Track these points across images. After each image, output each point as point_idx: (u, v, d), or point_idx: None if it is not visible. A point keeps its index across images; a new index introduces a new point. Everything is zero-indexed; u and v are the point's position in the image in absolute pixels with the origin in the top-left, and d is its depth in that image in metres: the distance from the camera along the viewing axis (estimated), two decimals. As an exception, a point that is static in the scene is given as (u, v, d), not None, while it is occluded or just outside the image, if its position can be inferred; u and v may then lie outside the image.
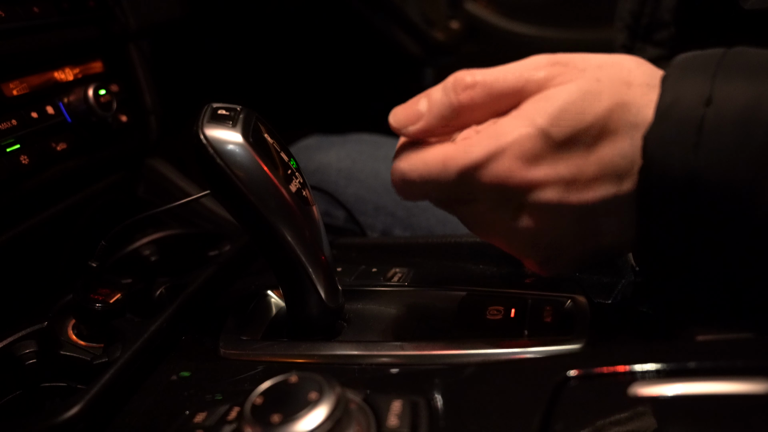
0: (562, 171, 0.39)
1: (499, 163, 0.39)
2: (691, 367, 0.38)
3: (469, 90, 0.41)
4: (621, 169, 0.38)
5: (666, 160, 0.37)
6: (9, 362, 0.51)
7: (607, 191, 0.39)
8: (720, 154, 0.36)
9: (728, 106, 0.36)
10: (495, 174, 0.39)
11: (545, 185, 0.39)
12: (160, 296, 0.62)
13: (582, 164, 0.39)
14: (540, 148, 0.39)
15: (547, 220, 0.41)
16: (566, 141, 0.39)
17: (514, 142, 0.39)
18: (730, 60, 0.38)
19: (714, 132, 0.36)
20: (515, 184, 0.39)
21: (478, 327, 0.47)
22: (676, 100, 0.37)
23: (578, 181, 0.39)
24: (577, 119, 0.38)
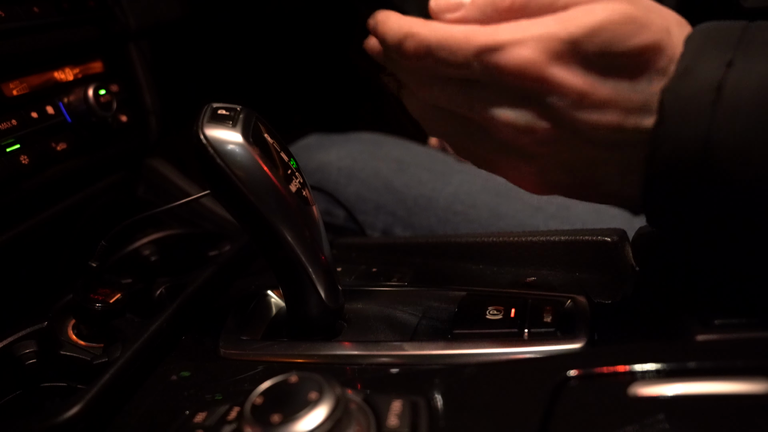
0: (578, 82, 0.39)
1: (522, 49, 0.39)
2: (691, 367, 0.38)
3: None
4: (631, 103, 0.39)
5: (681, 118, 0.37)
6: (9, 362, 0.51)
7: (613, 119, 0.39)
8: (737, 116, 0.36)
9: (749, 70, 0.36)
10: (516, 59, 0.39)
11: (559, 89, 0.39)
12: (160, 296, 0.62)
13: (598, 84, 0.39)
14: (566, 53, 0.38)
15: (548, 128, 0.41)
16: (593, 58, 0.39)
17: (543, 37, 0.39)
18: (753, 31, 0.38)
19: (733, 93, 0.36)
20: (533, 76, 0.39)
21: (478, 327, 0.47)
22: (698, 60, 0.38)
23: (590, 98, 0.39)
24: (610, 43, 0.38)
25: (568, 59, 0.39)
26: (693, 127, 0.37)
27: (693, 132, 0.37)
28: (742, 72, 0.36)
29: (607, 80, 0.39)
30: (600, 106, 0.39)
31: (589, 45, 0.38)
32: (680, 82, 0.38)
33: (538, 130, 0.41)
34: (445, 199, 0.82)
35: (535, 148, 0.42)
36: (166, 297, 0.61)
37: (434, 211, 0.82)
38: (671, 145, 0.38)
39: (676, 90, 0.38)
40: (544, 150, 0.42)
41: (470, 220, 0.79)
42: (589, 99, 0.39)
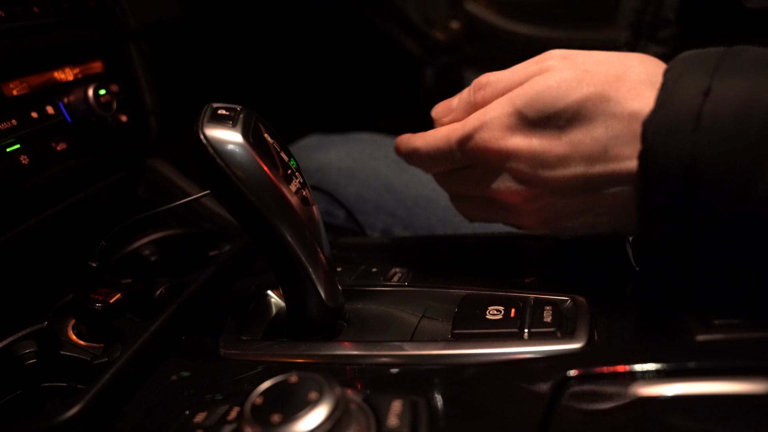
0: (534, 145, 0.45)
1: (484, 132, 0.47)
2: (691, 367, 0.38)
3: (481, 90, 0.50)
4: (591, 153, 0.43)
5: (665, 146, 0.39)
6: (9, 362, 0.51)
7: (576, 171, 0.44)
8: (717, 141, 0.38)
9: (726, 96, 0.38)
10: (480, 141, 0.47)
11: (519, 155, 0.46)
12: (160, 296, 0.62)
13: (553, 143, 0.44)
14: (516, 124, 0.46)
15: (526, 189, 0.47)
16: (539, 121, 0.45)
17: (495, 117, 0.47)
18: (730, 57, 0.40)
19: (711, 119, 0.38)
20: (495, 151, 0.47)
21: (478, 327, 0.47)
22: (676, 90, 0.40)
23: (547, 157, 0.44)
24: (550, 104, 0.44)
25: (521, 129, 0.45)
26: (676, 153, 0.39)
27: (677, 157, 0.39)
28: (718, 99, 0.38)
29: (561, 137, 0.44)
30: (560, 161, 0.44)
31: (531, 111, 0.45)
32: (660, 113, 0.40)
33: (520, 192, 0.47)
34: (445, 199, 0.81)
35: (527, 206, 0.48)
36: (166, 297, 0.61)
37: (434, 211, 0.82)
38: (657, 171, 0.40)
39: (657, 120, 0.40)
40: (534, 206, 0.48)
41: (470, 220, 0.79)
42: (547, 157, 0.44)
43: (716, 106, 0.38)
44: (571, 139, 0.43)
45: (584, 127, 0.43)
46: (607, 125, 0.42)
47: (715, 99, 0.38)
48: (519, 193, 0.48)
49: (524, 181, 0.47)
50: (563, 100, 0.43)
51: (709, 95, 0.38)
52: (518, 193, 0.48)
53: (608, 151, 0.42)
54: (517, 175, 0.47)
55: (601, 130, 0.42)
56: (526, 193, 0.47)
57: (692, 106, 0.39)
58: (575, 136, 0.43)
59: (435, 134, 0.52)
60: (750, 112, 0.37)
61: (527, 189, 0.47)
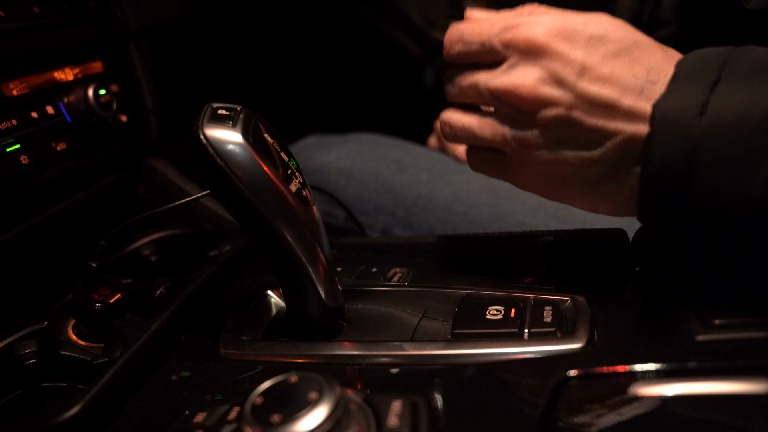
0: (580, 56, 0.45)
1: (535, 27, 0.47)
2: (691, 367, 0.38)
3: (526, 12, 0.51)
4: (629, 85, 0.44)
5: (670, 129, 0.41)
6: (9, 362, 0.51)
7: (610, 95, 0.44)
8: (720, 129, 0.39)
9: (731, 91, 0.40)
10: (529, 33, 0.47)
11: (564, 58, 0.46)
12: (160, 296, 0.62)
13: (600, 61, 0.45)
14: (573, 31, 0.46)
15: (551, 92, 0.46)
16: (596, 37, 0.46)
17: (555, 19, 0.47)
18: (738, 55, 0.42)
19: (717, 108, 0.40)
20: (539, 45, 0.46)
21: (478, 327, 0.47)
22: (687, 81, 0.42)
23: (591, 71, 0.45)
24: (612, 28, 0.46)
25: (574, 38, 0.46)
26: (682, 137, 0.40)
27: (680, 143, 0.40)
28: (725, 92, 0.40)
29: (608, 61, 0.45)
30: (600, 79, 0.45)
31: (593, 28, 0.46)
32: (669, 98, 0.42)
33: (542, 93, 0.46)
34: (445, 199, 0.82)
35: (538, 115, 0.47)
36: (166, 297, 0.61)
37: (434, 211, 0.82)
38: (661, 156, 0.41)
39: (666, 104, 0.41)
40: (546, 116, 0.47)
41: (470, 220, 0.79)
42: (591, 71, 0.45)
43: (722, 98, 0.39)
44: (617, 66, 0.44)
45: (630, 62, 0.44)
46: (648, 69, 0.44)
47: (721, 91, 0.40)
48: (540, 94, 0.46)
49: (558, 84, 0.46)
50: (623, 31, 0.46)
51: (717, 88, 0.40)
52: (539, 94, 0.46)
53: (643, 92, 0.43)
54: (554, 77, 0.46)
55: (642, 71, 0.44)
56: (548, 95, 0.46)
57: (701, 95, 0.40)
58: (620, 65, 0.44)
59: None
60: (751, 108, 0.38)
61: (552, 92, 0.46)
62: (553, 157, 0.48)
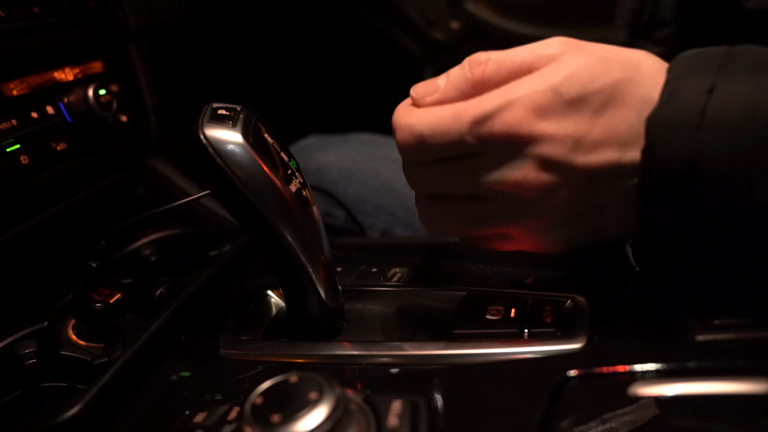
0: (569, 129, 0.40)
1: (510, 112, 0.41)
2: (691, 367, 0.38)
3: (482, 65, 0.43)
4: (626, 137, 0.40)
5: (669, 142, 0.38)
6: (9, 362, 0.51)
7: (611, 157, 0.40)
8: (721, 139, 0.37)
9: (731, 94, 0.38)
10: (506, 123, 0.41)
11: (552, 140, 0.40)
12: (160, 296, 0.62)
13: (589, 126, 0.40)
14: (550, 104, 0.40)
15: (552, 179, 0.42)
16: (575, 100, 0.40)
17: (526, 95, 0.41)
18: (733, 56, 0.40)
19: (716, 117, 0.38)
20: (524, 135, 0.41)
21: (478, 327, 0.47)
22: (681, 87, 0.39)
23: (584, 141, 0.40)
24: (587, 82, 0.40)
25: (555, 110, 0.40)
26: (680, 151, 0.38)
27: (680, 156, 0.38)
28: (723, 97, 0.38)
29: (596, 121, 0.40)
30: (596, 146, 0.40)
31: (568, 90, 0.40)
32: (664, 109, 0.39)
33: (541, 181, 0.42)
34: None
35: (541, 202, 0.43)
36: (166, 297, 0.61)
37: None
38: (660, 169, 0.39)
39: (661, 116, 0.39)
40: (550, 202, 0.43)
41: (470, 220, 0.79)
42: (584, 141, 0.40)
43: (721, 104, 0.38)
44: (606, 122, 0.40)
45: (618, 110, 0.40)
46: (638, 110, 0.40)
47: (719, 97, 0.38)
48: (541, 184, 0.42)
49: (553, 168, 0.41)
50: (599, 80, 0.40)
51: (714, 93, 0.38)
52: (540, 184, 0.42)
53: (640, 137, 0.40)
54: (547, 163, 0.41)
55: (633, 115, 0.40)
56: (550, 183, 0.41)
57: (697, 103, 0.38)
58: (610, 119, 0.40)
59: (435, 112, 0.43)
60: (754, 112, 0.37)
61: (553, 178, 0.41)
62: (563, 230, 0.44)
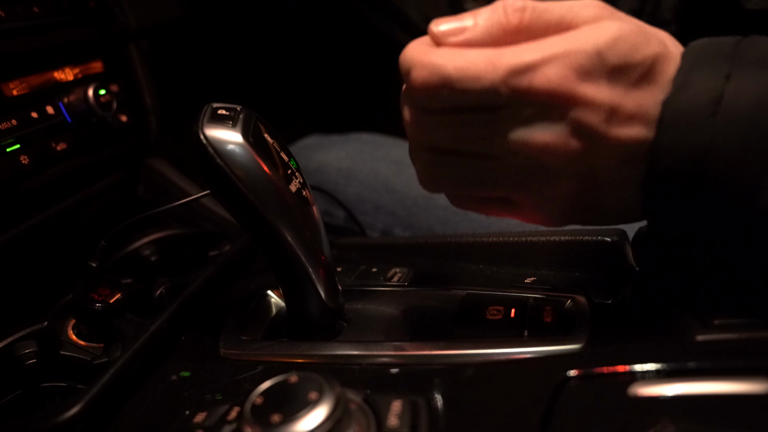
0: (607, 97, 0.38)
1: (552, 68, 0.38)
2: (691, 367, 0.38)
3: (519, 12, 0.40)
4: (652, 117, 0.38)
5: (681, 130, 0.37)
6: (9, 362, 0.51)
7: (640, 134, 0.39)
8: (733, 130, 0.36)
9: (745, 83, 0.37)
10: (546, 78, 0.38)
11: (591, 105, 0.38)
12: (160, 296, 0.62)
13: (624, 97, 0.38)
14: (593, 67, 0.38)
15: (581, 147, 0.39)
16: (617, 68, 0.38)
17: (570, 52, 0.38)
18: (745, 46, 0.39)
19: (731, 105, 0.36)
20: (564, 94, 0.38)
21: (478, 327, 0.47)
22: (695, 74, 0.38)
23: (619, 113, 0.38)
24: (631, 50, 0.38)
25: (595, 74, 0.38)
26: (692, 138, 0.37)
27: (692, 143, 0.37)
28: (739, 85, 0.37)
29: (632, 93, 0.39)
30: (628, 119, 0.39)
31: (612, 56, 0.38)
32: (678, 96, 0.38)
33: (569, 148, 0.39)
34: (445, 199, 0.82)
35: (562, 170, 0.41)
36: (166, 297, 0.61)
37: (434, 211, 0.82)
38: (671, 156, 0.38)
39: (675, 103, 0.38)
40: (568, 170, 0.41)
41: (470, 220, 0.79)
42: (619, 112, 0.38)
43: (737, 92, 0.37)
44: (639, 97, 0.38)
45: (651, 86, 0.39)
46: (666, 91, 0.38)
47: (735, 84, 0.37)
48: (568, 151, 0.39)
49: (585, 136, 0.39)
50: (641, 51, 0.38)
51: (731, 80, 0.37)
52: (567, 151, 0.39)
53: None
54: (580, 128, 0.39)
55: (661, 95, 0.38)
56: (577, 150, 0.39)
57: (714, 90, 0.37)
58: (643, 95, 0.38)
59: (467, 55, 0.39)
60: (764, 106, 0.36)
61: (582, 146, 0.39)
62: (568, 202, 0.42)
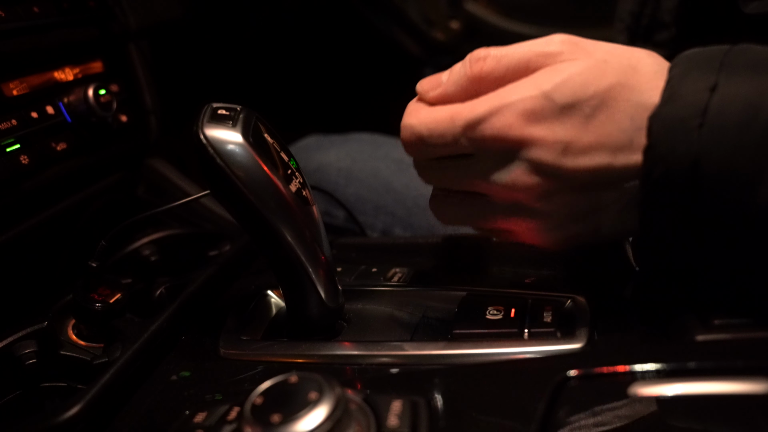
0: (559, 134, 0.41)
1: (500, 117, 0.42)
2: (691, 367, 0.38)
3: (480, 61, 0.44)
4: (617, 143, 0.41)
5: (670, 141, 0.39)
6: (9, 362, 0.51)
7: (602, 161, 0.41)
8: (723, 138, 0.37)
9: (733, 93, 0.38)
10: (496, 127, 0.42)
11: (542, 144, 0.42)
12: (160, 296, 0.62)
13: (579, 131, 0.41)
14: (541, 109, 0.41)
15: (543, 182, 0.43)
16: (567, 106, 0.41)
17: (517, 101, 0.42)
18: (735, 55, 0.40)
19: (718, 115, 0.38)
20: (514, 139, 0.42)
21: (478, 327, 0.47)
22: (682, 86, 0.39)
23: (574, 146, 0.41)
24: (579, 88, 0.41)
25: (544, 115, 0.41)
26: (681, 149, 0.38)
27: (682, 154, 0.38)
28: (725, 96, 0.38)
29: (587, 126, 0.41)
30: (587, 150, 0.41)
31: (560, 96, 0.41)
32: (667, 108, 0.39)
33: (533, 185, 0.43)
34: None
35: (535, 204, 0.44)
36: (166, 297, 0.61)
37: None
38: (663, 167, 0.39)
39: (664, 115, 0.39)
40: (545, 205, 0.44)
41: (470, 220, 0.79)
42: (574, 146, 0.41)
43: (723, 103, 0.38)
44: (598, 128, 0.41)
45: (610, 116, 0.41)
46: (631, 115, 0.40)
47: (721, 95, 0.38)
48: (532, 187, 0.43)
49: (543, 172, 0.42)
50: (593, 86, 0.41)
51: (716, 91, 0.38)
52: (531, 187, 0.43)
53: (633, 142, 0.40)
54: (536, 166, 0.42)
55: (626, 121, 0.40)
56: (541, 186, 0.43)
57: (699, 102, 0.38)
58: (602, 125, 0.41)
59: (434, 114, 0.45)
60: (756, 112, 0.37)
61: (544, 182, 0.42)
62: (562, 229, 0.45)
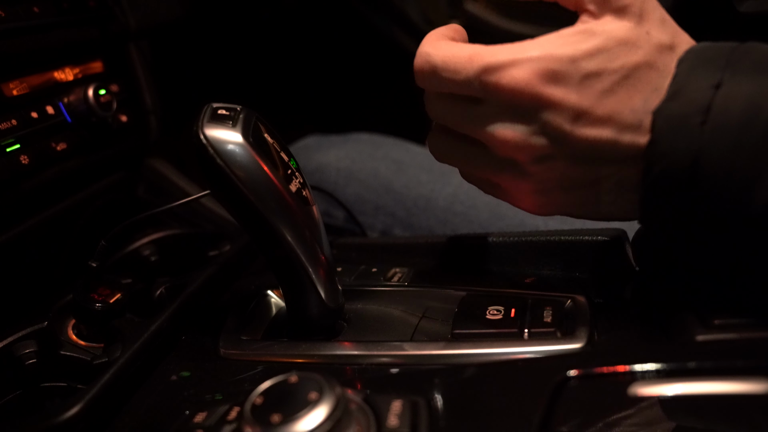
0: (574, 100, 0.40)
1: (519, 69, 0.41)
2: (691, 367, 0.38)
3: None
4: (627, 121, 0.40)
5: (672, 139, 0.39)
6: (9, 362, 0.51)
7: (609, 136, 0.41)
8: (724, 136, 0.38)
9: (736, 91, 0.38)
10: (512, 79, 0.41)
11: (555, 107, 0.41)
12: (160, 296, 0.62)
13: (595, 102, 0.41)
14: (564, 72, 0.40)
15: (547, 145, 0.42)
16: (590, 74, 0.40)
17: (541, 56, 0.41)
18: (741, 53, 0.40)
19: (720, 114, 0.38)
20: (528, 94, 0.41)
21: (478, 327, 0.47)
22: (688, 82, 0.39)
23: (587, 116, 0.41)
24: (608, 59, 0.40)
25: (566, 79, 0.40)
26: (683, 147, 0.39)
27: (683, 152, 0.39)
28: (728, 94, 0.38)
29: (603, 100, 0.41)
30: (597, 122, 0.41)
31: (587, 64, 0.40)
32: (671, 104, 0.40)
33: (534, 146, 0.42)
34: (445, 199, 0.82)
35: (531, 167, 0.43)
36: (166, 297, 0.61)
37: (433, 211, 0.82)
38: (663, 163, 0.39)
39: (668, 111, 0.40)
40: (539, 169, 0.43)
41: (470, 220, 0.79)
42: (588, 116, 0.41)
43: (726, 101, 0.38)
44: (613, 103, 0.40)
45: (628, 94, 0.40)
46: (646, 98, 0.40)
47: (725, 94, 0.38)
48: (533, 148, 0.42)
49: (548, 135, 0.41)
50: (620, 59, 0.40)
51: (720, 89, 0.38)
52: (532, 148, 0.42)
53: (641, 126, 0.40)
54: (544, 128, 0.41)
55: (640, 102, 0.40)
56: (542, 149, 0.42)
57: (703, 99, 0.38)
58: (618, 101, 0.40)
59: (453, 48, 0.44)
60: (757, 111, 0.37)
61: (546, 145, 0.42)
62: (550, 195, 0.45)
